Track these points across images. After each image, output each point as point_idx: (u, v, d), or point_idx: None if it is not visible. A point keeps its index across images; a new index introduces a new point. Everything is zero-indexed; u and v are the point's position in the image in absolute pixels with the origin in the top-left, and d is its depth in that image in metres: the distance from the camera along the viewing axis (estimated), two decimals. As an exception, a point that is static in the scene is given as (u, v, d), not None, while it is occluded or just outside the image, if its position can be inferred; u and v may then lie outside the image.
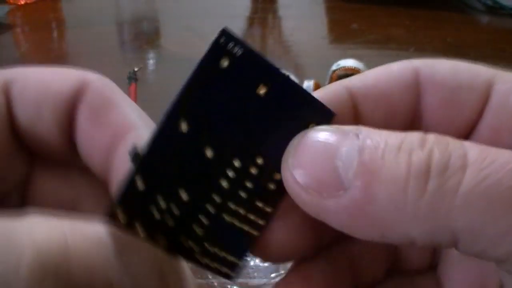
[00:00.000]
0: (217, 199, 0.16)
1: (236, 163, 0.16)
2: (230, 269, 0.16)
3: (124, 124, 0.17)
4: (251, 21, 0.77)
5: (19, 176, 0.19)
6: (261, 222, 0.16)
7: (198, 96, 0.15)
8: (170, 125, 0.15)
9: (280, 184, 0.15)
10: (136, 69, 0.58)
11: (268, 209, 0.16)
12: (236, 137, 0.15)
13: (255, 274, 0.34)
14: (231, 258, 0.16)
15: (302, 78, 0.48)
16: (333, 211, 0.14)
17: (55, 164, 0.20)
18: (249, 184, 0.16)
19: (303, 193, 0.15)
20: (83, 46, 0.69)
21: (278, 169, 0.15)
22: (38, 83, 0.18)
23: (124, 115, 0.17)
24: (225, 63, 0.15)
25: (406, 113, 0.18)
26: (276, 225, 0.16)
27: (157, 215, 0.15)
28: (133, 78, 0.57)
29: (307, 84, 0.46)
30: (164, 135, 0.15)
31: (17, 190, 0.19)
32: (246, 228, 0.16)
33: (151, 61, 0.65)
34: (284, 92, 0.15)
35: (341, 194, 0.14)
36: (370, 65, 0.49)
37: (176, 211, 0.15)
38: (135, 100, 0.52)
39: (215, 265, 0.16)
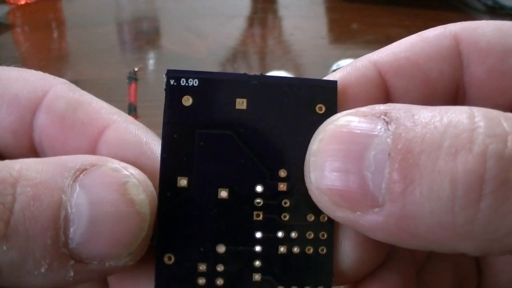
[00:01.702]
0: (259, 235, 0.14)
1: (258, 189, 0.14)
2: None
3: (96, 122, 0.15)
4: (251, 21, 0.77)
5: None
6: (323, 235, 0.14)
7: (180, 146, 0.14)
8: (168, 189, 0.14)
9: None
10: (136, 69, 0.58)
11: (323, 219, 0.14)
12: (242, 163, 0.14)
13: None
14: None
15: (302, 78, 0.48)
16: (371, 228, 0.12)
17: None
18: (286, 203, 0.14)
19: (335, 210, 0.13)
20: (83, 46, 0.68)
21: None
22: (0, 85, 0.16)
23: (94, 113, 0.16)
24: (188, 100, 0.14)
25: (447, 89, 0.15)
26: (344, 247, 0.14)
27: (201, 282, 0.13)
28: (133, 78, 0.56)
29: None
30: (167, 200, 0.14)
31: None
32: (310, 250, 0.14)
33: (151, 61, 0.65)
34: (267, 91, 0.14)
35: (376, 211, 0.12)
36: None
37: (221, 268, 0.14)
38: (135, 100, 0.52)
39: None
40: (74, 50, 0.70)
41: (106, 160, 0.13)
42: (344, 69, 0.15)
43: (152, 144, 0.15)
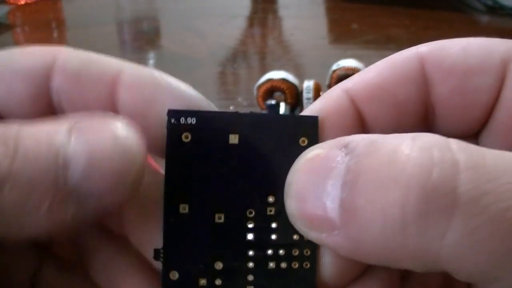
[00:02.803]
0: (251, 253, 0.16)
1: (250, 213, 0.16)
2: None
3: (110, 70, 0.17)
4: (251, 21, 0.77)
5: None
6: (307, 252, 0.16)
7: (181, 177, 0.15)
8: (172, 215, 0.15)
9: None
10: (136, 69, 0.58)
11: (306, 238, 0.15)
12: (235, 191, 0.16)
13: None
14: None
15: (302, 78, 0.48)
16: (335, 247, 0.14)
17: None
18: (274, 225, 0.16)
19: (308, 232, 0.14)
20: (83, 46, 0.68)
21: None
22: (7, 62, 0.17)
23: (107, 64, 0.17)
24: (187, 137, 0.15)
25: (416, 109, 0.17)
26: (325, 260, 0.16)
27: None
28: (133, 78, 0.56)
29: (307, 84, 0.46)
30: (171, 225, 0.15)
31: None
32: (296, 265, 0.16)
33: (151, 61, 0.65)
34: (256, 127, 0.16)
35: (336, 233, 0.13)
36: (370, 65, 0.49)
37: (219, 282, 0.16)
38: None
39: None
40: (74, 50, 0.70)
41: (97, 114, 0.14)
42: (320, 101, 0.17)
43: (164, 77, 0.17)
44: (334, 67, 0.49)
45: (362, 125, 0.17)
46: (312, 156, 0.14)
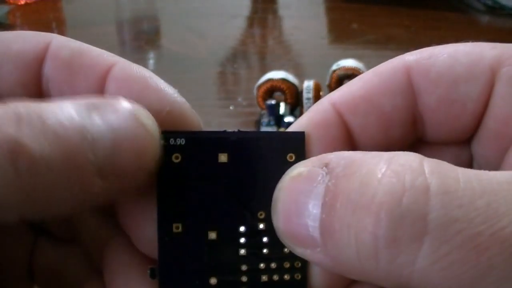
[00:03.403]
0: (244, 267, 0.16)
1: (242, 229, 0.16)
2: None
3: (102, 63, 0.17)
4: (251, 21, 0.77)
5: None
6: (297, 264, 0.16)
7: (173, 197, 0.16)
8: (166, 234, 0.16)
9: None
10: (136, 69, 0.57)
11: None
12: (226, 208, 0.16)
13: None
14: None
15: (302, 78, 0.48)
16: (318, 263, 0.14)
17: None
18: (265, 239, 0.16)
19: (294, 248, 0.15)
20: (83, 46, 0.69)
21: None
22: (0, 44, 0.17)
23: (98, 56, 0.17)
24: (178, 157, 0.16)
25: (404, 119, 0.17)
26: (314, 271, 0.16)
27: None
28: (133, 78, 0.56)
29: (307, 84, 0.46)
30: (165, 244, 0.16)
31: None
32: (287, 277, 0.16)
33: (151, 61, 0.65)
34: (244, 145, 0.16)
35: (318, 251, 0.14)
36: (370, 65, 0.49)
37: None
38: (135, 100, 0.52)
39: None
40: (74, 50, 0.70)
41: (118, 98, 0.15)
42: (307, 114, 0.17)
43: (154, 77, 0.17)
44: (334, 67, 0.49)
45: (349, 138, 0.17)
46: (295, 174, 0.15)
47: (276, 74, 0.48)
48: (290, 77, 0.48)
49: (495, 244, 0.11)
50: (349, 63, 0.48)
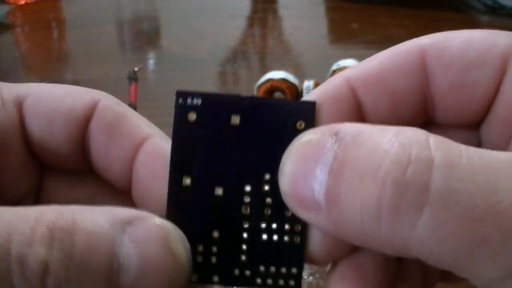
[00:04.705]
0: (246, 225, 0.17)
1: (247, 188, 0.17)
2: (294, 280, 0.17)
3: (139, 135, 0.18)
4: (251, 21, 0.77)
5: (31, 184, 0.20)
6: (297, 228, 0.17)
7: (186, 152, 0.17)
8: (175, 186, 0.17)
9: None
10: (136, 69, 0.58)
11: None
12: (235, 167, 0.17)
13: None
14: (289, 270, 0.17)
15: (302, 78, 0.48)
16: (319, 226, 0.15)
17: (68, 173, 0.20)
18: (268, 200, 0.17)
19: (297, 210, 0.15)
20: (83, 46, 0.69)
21: None
22: (51, 100, 0.19)
23: (137, 126, 0.19)
24: (192, 116, 0.17)
25: (414, 100, 0.17)
26: (313, 236, 0.17)
27: (199, 259, 0.17)
28: (133, 78, 0.56)
29: (307, 84, 0.46)
30: (175, 195, 0.17)
31: (30, 197, 0.20)
32: (287, 239, 0.17)
33: (151, 61, 0.65)
34: (256, 110, 0.17)
35: (321, 214, 0.14)
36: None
37: (215, 250, 0.17)
38: (135, 100, 0.52)
39: (279, 282, 0.17)
40: (74, 50, 0.70)
41: (150, 215, 0.15)
42: (321, 87, 0.17)
43: (130, 121, 0.18)
44: (334, 67, 0.49)
45: (359, 113, 0.17)
46: (305, 140, 0.15)
47: (276, 74, 0.48)
48: (290, 77, 0.48)
49: (490, 216, 0.12)
50: (349, 63, 0.48)
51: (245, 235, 0.17)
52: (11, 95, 0.18)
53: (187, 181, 0.17)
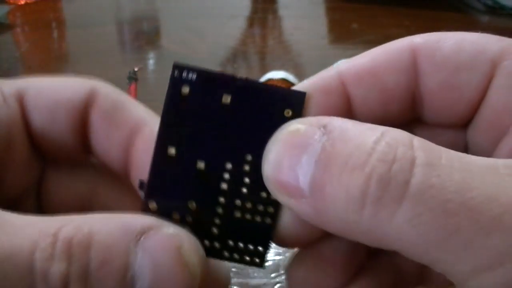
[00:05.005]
0: (222, 200, 0.17)
1: (228, 166, 0.17)
2: (259, 258, 0.18)
3: (137, 121, 0.19)
4: (251, 21, 0.77)
5: (34, 177, 0.20)
6: (270, 210, 0.17)
7: (174, 124, 0.17)
8: (160, 154, 0.17)
9: None
10: (136, 69, 0.58)
11: (272, 198, 0.17)
12: (219, 144, 0.17)
13: (255, 274, 0.34)
14: (256, 248, 0.18)
15: (302, 78, 0.48)
16: (300, 212, 0.15)
17: (69, 163, 0.21)
18: (246, 180, 0.17)
19: (277, 195, 0.16)
20: (83, 46, 0.69)
21: None
22: (51, 92, 0.19)
23: (135, 113, 0.19)
24: (186, 89, 0.17)
25: (404, 97, 0.17)
26: (286, 213, 0.17)
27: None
28: (133, 78, 0.57)
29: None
30: (158, 162, 0.17)
31: (32, 189, 0.20)
32: (258, 219, 0.17)
33: (151, 61, 0.65)
34: (248, 92, 0.17)
35: (303, 201, 0.15)
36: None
37: (189, 219, 0.17)
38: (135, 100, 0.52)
39: (245, 258, 0.18)
40: (74, 50, 0.70)
41: (162, 224, 0.16)
42: (312, 79, 0.18)
43: (127, 106, 0.19)
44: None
45: (348, 108, 0.17)
46: (292, 129, 0.15)
47: (276, 74, 0.48)
48: (290, 77, 0.48)
49: (463, 210, 0.13)
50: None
51: (220, 210, 0.17)
52: (11, 90, 0.19)
53: (172, 151, 0.17)
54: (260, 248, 0.18)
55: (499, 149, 0.16)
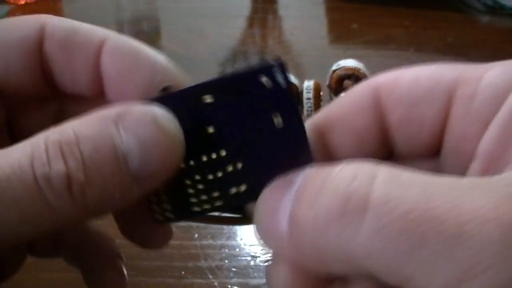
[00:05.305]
0: (188, 181, 0.19)
1: (204, 158, 0.18)
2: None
3: (95, 39, 0.19)
4: (251, 21, 0.77)
5: (1, 119, 0.21)
6: (217, 203, 0.19)
7: (226, 92, 0.18)
8: (197, 93, 0.18)
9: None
10: (136, 69, 0.57)
11: (231, 192, 0.18)
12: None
13: (255, 274, 0.34)
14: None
15: (302, 78, 0.48)
16: (284, 255, 0.16)
17: (34, 102, 0.21)
18: (218, 172, 0.18)
19: (267, 243, 0.17)
20: (83, 46, 0.68)
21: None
22: (1, 35, 0.19)
23: (91, 33, 0.19)
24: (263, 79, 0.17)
25: (375, 135, 0.18)
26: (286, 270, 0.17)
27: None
28: (133, 78, 0.56)
29: (307, 84, 0.46)
30: (190, 96, 0.18)
31: (2, 130, 0.21)
32: (207, 206, 0.19)
33: (151, 61, 0.65)
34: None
35: (285, 243, 0.15)
36: (370, 65, 0.49)
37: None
38: (135, 100, 0.52)
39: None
40: (74, 50, 0.70)
41: (133, 105, 0.17)
42: None
43: (144, 49, 0.20)
44: (334, 67, 0.49)
45: (328, 153, 0.19)
46: (275, 183, 0.16)
47: (276, 74, 0.48)
48: (291, 77, 0.48)
49: (428, 219, 0.12)
50: (349, 63, 0.48)
51: (190, 190, 0.19)
52: None
53: (208, 99, 0.18)
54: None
55: (469, 175, 0.17)
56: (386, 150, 0.19)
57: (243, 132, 0.18)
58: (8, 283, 0.22)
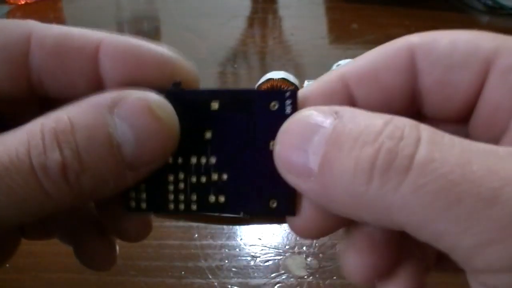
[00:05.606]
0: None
1: (193, 160, 0.18)
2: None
3: (90, 42, 0.18)
4: (251, 21, 0.77)
5: None
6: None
7: (232, 101, 0.18)
8: (207, 98, 0.18)
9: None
10: (136, 69, 0.57)
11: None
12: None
13: (255, 274, 0.34)
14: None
15: (302, 78, 0.48)
16: (308, 192, 0.16)
17: (20, 111, 0.20)
18: (213, 175, 0.18)
19: (286, 175, 0.17)
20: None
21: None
22: None
23: (84, 36, 0.19)
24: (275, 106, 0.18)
25: (404, 95, 0.18)
26: (305, 205, 0.18)
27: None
28: (133, 78, 0.56)
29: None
30: (198, 99, 0.18)
31: None
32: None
33: (151, 61, 0.65)
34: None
35: (312, 180, 0.16)
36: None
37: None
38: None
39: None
40: (74, 50, 0.70)
41: (128, 92, 0.17)
42: (316, 82, 0.19)
43: (144, 44, 0.19)
44: (334, 67, 0.49)
45: (351, 105, 0.18)
46: (306, 113, 0.16)
47: (276, 74, 0.48)
48: (290, 77, 0.48)
49: (465, 181, 0.13)
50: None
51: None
52: None
53: (215, 105, 0.18)
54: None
55: (501, 145, 0.17)
56: (412, 111, 0.19)
57: (238, 146, 0.18)
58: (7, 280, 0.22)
